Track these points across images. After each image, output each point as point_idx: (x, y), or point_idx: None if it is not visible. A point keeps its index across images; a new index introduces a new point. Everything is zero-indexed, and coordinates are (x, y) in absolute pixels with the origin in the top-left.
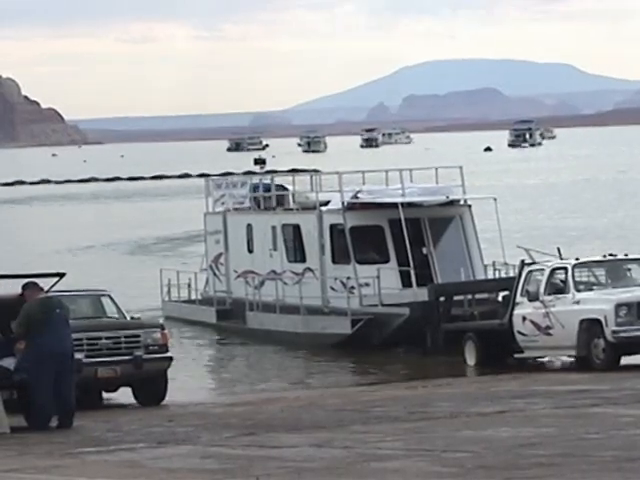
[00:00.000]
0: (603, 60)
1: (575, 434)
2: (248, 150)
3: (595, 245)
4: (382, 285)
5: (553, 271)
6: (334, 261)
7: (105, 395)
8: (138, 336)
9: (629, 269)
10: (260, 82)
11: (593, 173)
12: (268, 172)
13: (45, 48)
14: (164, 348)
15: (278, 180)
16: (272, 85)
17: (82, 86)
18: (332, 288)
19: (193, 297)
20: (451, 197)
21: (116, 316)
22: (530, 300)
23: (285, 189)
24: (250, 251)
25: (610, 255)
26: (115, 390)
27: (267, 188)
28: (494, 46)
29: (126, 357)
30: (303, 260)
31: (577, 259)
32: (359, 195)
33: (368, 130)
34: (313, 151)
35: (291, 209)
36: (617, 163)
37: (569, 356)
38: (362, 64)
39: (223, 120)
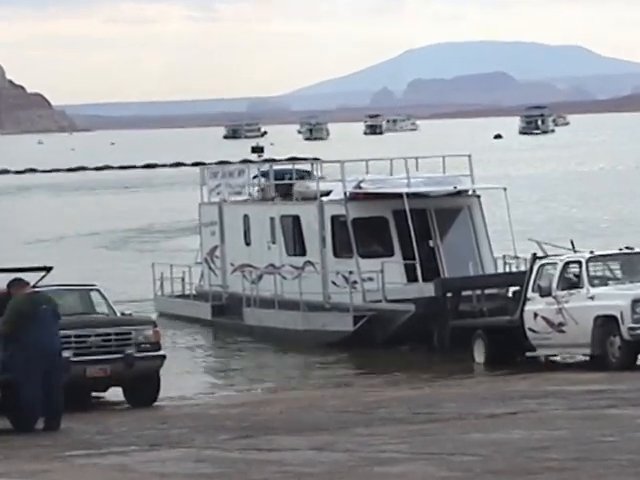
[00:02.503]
0: (619, 42)
1: (590, 437)
2: (246, 137)
3: (610, 238)
4: (386, 280)
5: (566, 265)
6: (336, 254)
7: (95, 395)
8: (129, 333)
9: None
10: (257, 66)
11: (609, 162)
12: (266, 161)
13: (31, 30)
14: (156, 346)
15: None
16: (269, 69)
17: (70, 70)
18: (334, 283)
19: (187, 292)
20: (459, 187)
21: (106, 312)
22: (542, 296)
23: (308, 173)
24: (247, 244)
25: (627, 248)
26: (105, 390)
27: (280, 174)
28: (503, 28)
29: (116, 355)
30: (303, 253)
31: (592, 252)
32: (362, 185)
33: (372, 116)
34: (315, 138)
35: (290, 199)
36: (634, 152)
37: (583, 354)
38: (365, 46)
39: (218, 106)
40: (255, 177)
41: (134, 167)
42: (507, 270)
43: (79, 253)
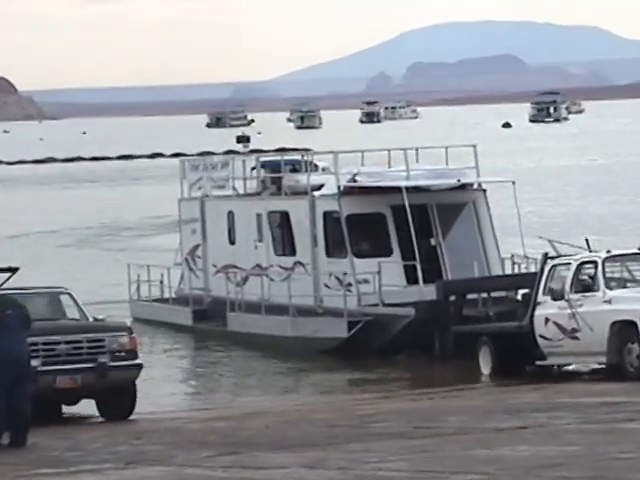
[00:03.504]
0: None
1: (605, 453)
2: (231, 126)
3: (628, 236)
4: (384, 282)
5: (580, 265)
6: (328, 254)
7: (65, 408)
8: (102, 340)
9: None
10: (241, 49)
11: (627, 153)
12: (253, 151)
13: None
14: (132, 354)
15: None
16: (255, 52)
17: (37, 53)
18: (326, 285)
19: (166, 295)
20: (463, 180)
21: (77, 317)
22: (554, 299)
23: (315, 166)
24: (232, 243)
25: None
26: (76, 402)
27: (277, 166)
28: (512, 6)
29: (88, 364)
30: (292, 253)
31: (608, 252)
32: (357, 178)
33: (369, 103)
34: (307, 127)
35: (279, 194)
36: None
37: (599, 363)
38: (360, 27)
39: (200, 92)
40: (254, 169)
41: (108, 158)
42: (516, 271)
43: (44, 252)
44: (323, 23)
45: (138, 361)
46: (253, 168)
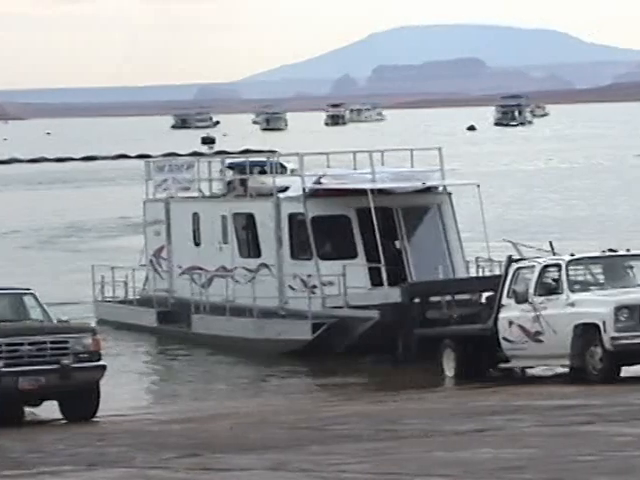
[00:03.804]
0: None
1: (565, 455)
2: (196, 127)
3: (592, 239)
4: (348, 284)
5: (544, 269)
6: (293, 256)
7: (27, 410)
8: (66, 342)
9: (631, 267)
10: (208, 50)
11: (591, 156)
12: (218, 153)
13: None
14: (96, 356)
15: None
16: (221, 53)
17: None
18: (291, 287)
19: (130, 297)
20: (428, 183)
21: (40, 318)
22: (518, 302)
23: (284, 168)
24: (196, 244)
25: (610, 250)
26: (39, 404)
27: (245, 167)
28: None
29: (52, 366)
30: (257, 255)
31: (572, 255)
32: (322, 180)
33: (334, 106)
34: (272, 129)
35: (244, 196)
36: (618, 145)
37: (562, 366)
38: (326, 29)
39: (166, 93)
40: (222, 170)
41: (72, 159)
42: (480, 274)
43: (6, 253)
44: (289, 25)
45: (102, 362)
46: (222, 170)
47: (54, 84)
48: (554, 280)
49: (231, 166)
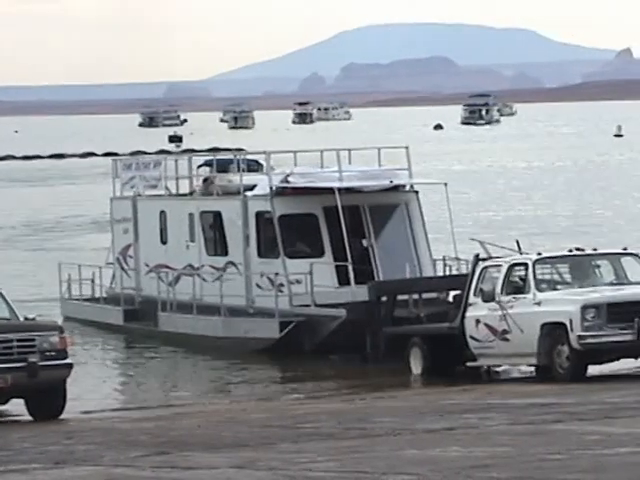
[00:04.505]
0: (570, 26)
1: (534, 454)
2: (164, 126)
3: (559, 238)
4: (315, 282)
5: (511, 267)
6: (260, 254)
7: None
8: (33, 340)
9: (597, 266)
10: (176, 48)
11: (557, 156)
12: (185, 151)
13: None
14: (63, 354)
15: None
16: (189, 51)
17: None
18: (258, 286)
19: (97, 295)
20: (395, 182)
21: (7, 316)
22: (485, 301)
23: (260, 165)
24: (163, 242)
25: (576, 249)
26: (5, 402)
27: (226, 165)
28: (445, 9)
29: (18, 364)
30: (225, 253)
31: (539, 254)
32: (290, 179)
33: (301, 104)
34: (240, 127)
35: (211, 194)
36: (586, 144)
37: (529, 365)
38: (295, 27)
39: (133, 91)
40: (200, 167)
41: (40, 157)
42: (447, 273)
43: None
44: (257, 23)
45: (69, 361)
46: (200, 166)
47: (22, 82)
48: (521, 279)
49: (210, 163)
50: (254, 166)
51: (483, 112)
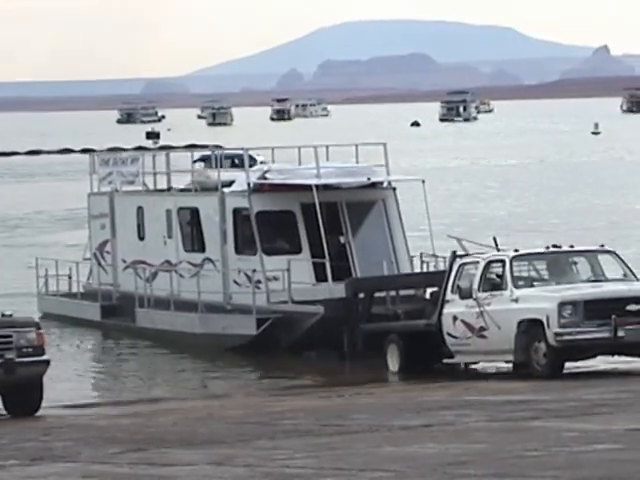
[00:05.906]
0: (548, 23)
1: (511, 451)
2: (142, 122)
3: (535, 235)
4: (293, 279)
5: (488, 264)
6: (238, 251)
7: None
8: (9, 336)
9: (575, 263)
10: (153, 44)
11: (535, 153)
12: (163, 148)
13: None
14: (40, 350)
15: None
16: (167, 48)
17: None
18: (235, 282)
19: (74, 290)
20: (373, 179)
21: None
22: (462, 297)
23: (254, 160)
24: (141, 238)
25: (553, 246)
26: None
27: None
28: (423, 6)
29: None
30: (202, 249)
31: (516, 251)
32: (267, 175)
33: (279, 100)
34: (218, 124)
35: (188, 190)
36: (563, 142)
37: (506, 362)
38: (273, 24)
39: (111, 87)
40: (195, 162)
41: (17, 153)
42: (424, 269)
43: None
44: (236, 19)
45: (46, 357)
46: (195, 161)
47: None
48: (498, 276)
49: (204, 159)
50: (250, 162)
51: (461, 109)
